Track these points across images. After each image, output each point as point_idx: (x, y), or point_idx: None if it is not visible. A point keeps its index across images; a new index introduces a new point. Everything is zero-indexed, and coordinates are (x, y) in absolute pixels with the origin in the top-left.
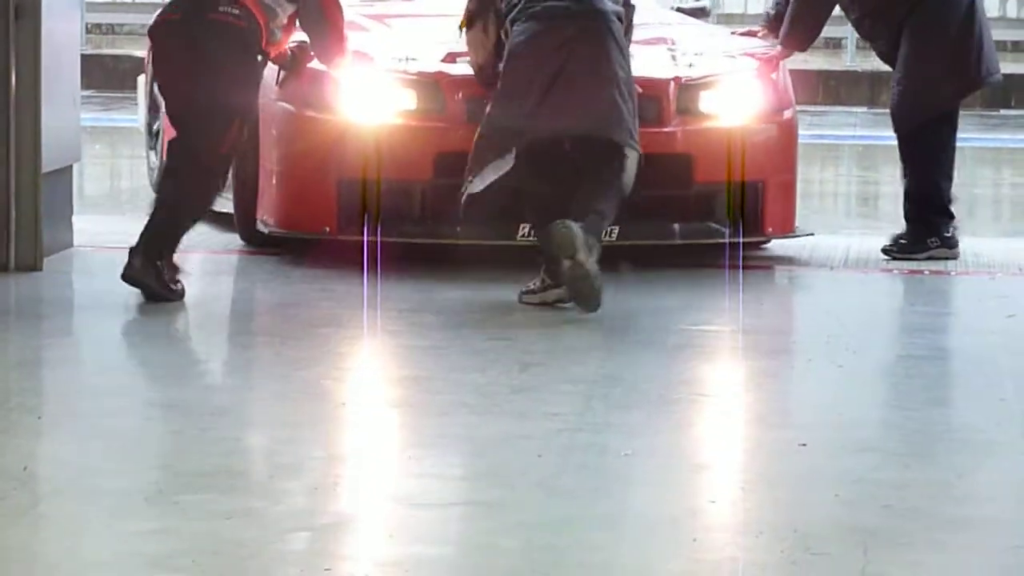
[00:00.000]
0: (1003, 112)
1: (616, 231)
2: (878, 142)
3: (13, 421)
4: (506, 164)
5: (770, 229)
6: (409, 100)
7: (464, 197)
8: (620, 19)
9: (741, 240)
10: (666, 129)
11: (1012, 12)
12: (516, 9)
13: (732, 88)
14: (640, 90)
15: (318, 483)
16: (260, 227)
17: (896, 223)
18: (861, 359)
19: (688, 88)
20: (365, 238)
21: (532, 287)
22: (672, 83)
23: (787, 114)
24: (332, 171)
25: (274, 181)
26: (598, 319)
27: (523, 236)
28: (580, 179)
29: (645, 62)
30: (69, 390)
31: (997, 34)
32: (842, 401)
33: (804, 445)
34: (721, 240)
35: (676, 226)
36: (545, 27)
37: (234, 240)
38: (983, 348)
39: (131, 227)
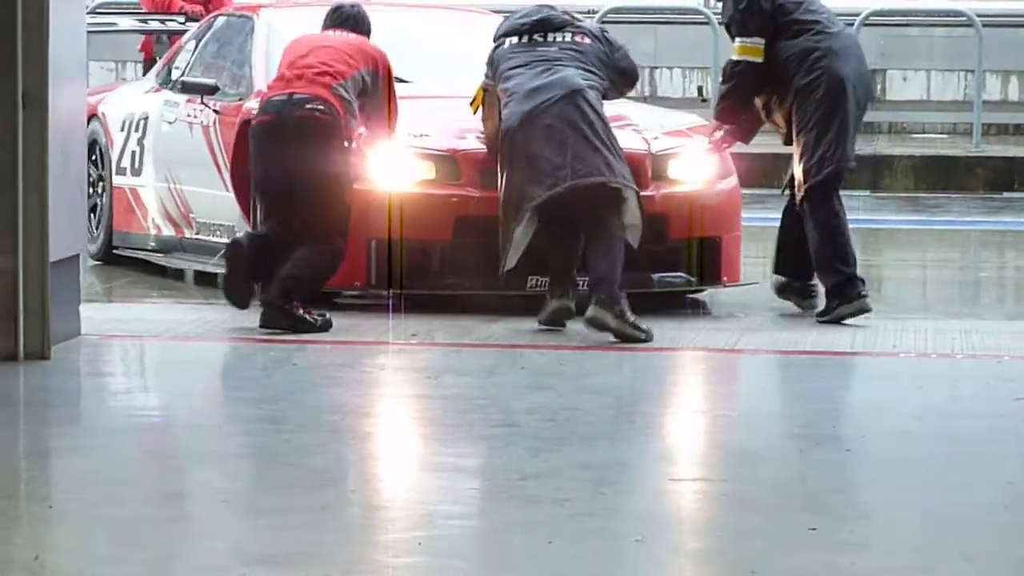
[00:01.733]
0: (1006, 195)
1: None
2: (881, 226)
3: (24, 510)
4: (531, 228)
5: (725, 278)
6: (428, 171)
7: (504, 271)
8: (597, 89)
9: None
10: (645, 193)
11: (1013, 95)
12: (505, 94)
13: (692, 158)
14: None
15: (328, 572)
16: None
17: (901, 308)
18: (868, 443)
19: (659, 158)
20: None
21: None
22: (647, 155)
23: (733, 180)
24: (362, 233)
25: None
26: (602, 405)
27: (532, 287)
28: (587, 234)
29: (619, 137)
30: (78, 480)
31: (999, 117)
32: (851, 486)
33: (814, 530)
34: (690, 288)
35: (654, 276)
36: (532, 108)
37: (239, 329)
38: (991, 431)
39: (136, 315)
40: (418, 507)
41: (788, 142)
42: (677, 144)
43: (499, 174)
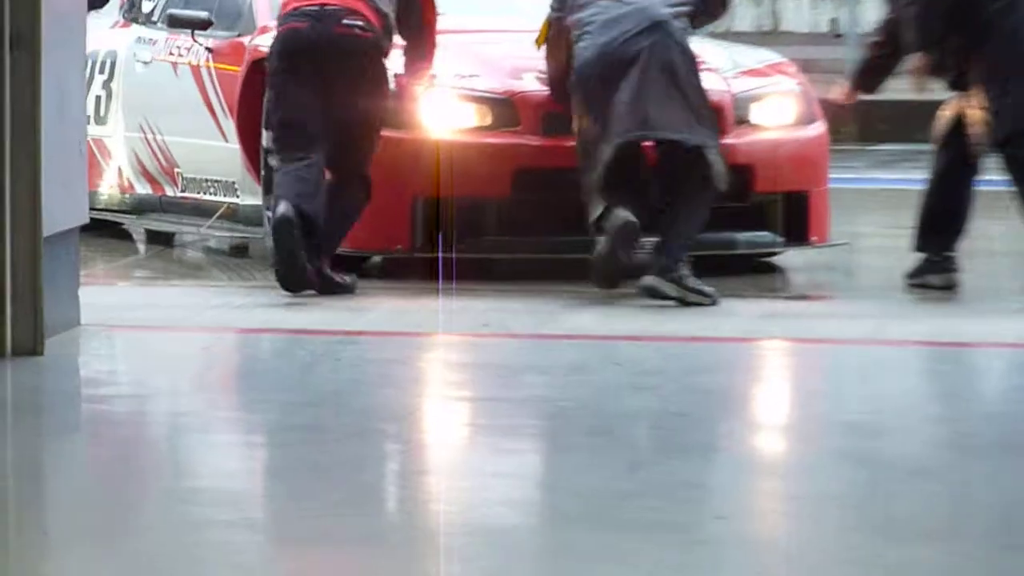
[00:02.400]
0: None
1: None
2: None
3: (16, 540)
4: (606, 163)
5: (814, 238)
6: (481, 117)
7: (592, 223)
8: (682, 18)
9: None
10: (727, 141)
11: None
12: (578, 26)
13: (777, 101)
14: None
15: None
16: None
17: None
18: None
19: (741, 101)
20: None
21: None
22: (729, 97)
23: (821, 126)
24: (406, 189)
25: None
26: (714, 409)
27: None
28: (663, 193)
29: None
30: (78, 501)
31: None
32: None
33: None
34: (778, 250)
35: (739, 236)
36: (609, 41)
37: (271, 318)
38: None
39: (147, 299)
40: (489, 534)
41: (958, 86)
42: (759, 85)
43: (575, 118)
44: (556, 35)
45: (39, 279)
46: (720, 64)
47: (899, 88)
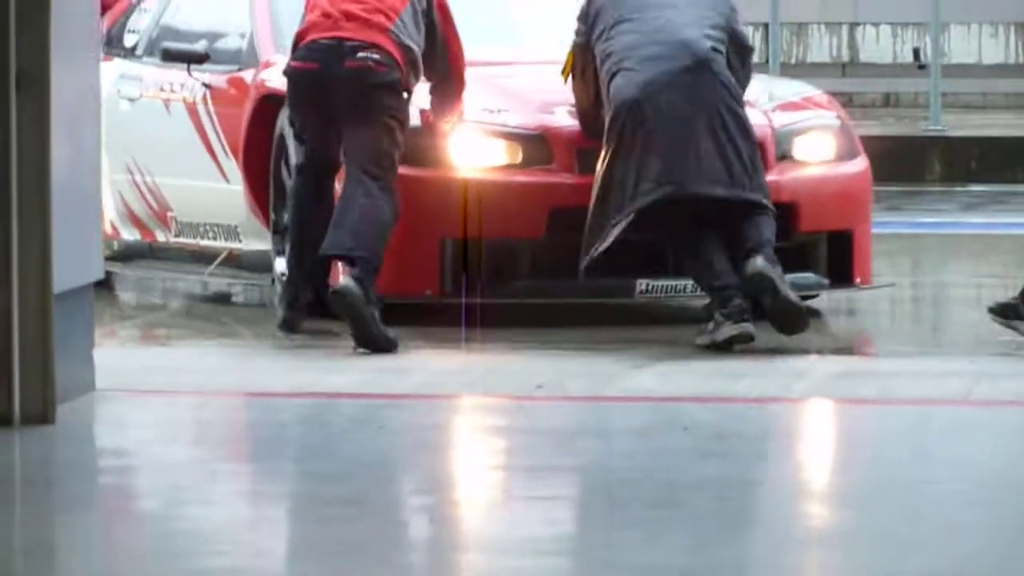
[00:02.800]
0: None
1: None
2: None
3: None
4: (626, 220)
5: (858, 279)
6: (512, 154)
7: (586, 262)
8: (722, 50)
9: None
10: (769, 178)
11: None
12: (611, 58)
13: (819, 135)
14: None
15: None
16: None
17: None
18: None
19: (783, 136)
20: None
21: (705, 328)
22: (770, 132)
23: (863, 162)
24: (434, 230)
25: None
26: (793, 478)
27: (641, 292)
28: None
29: None
30: None
31: None
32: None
33: None
34: (821, 291)
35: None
36: (650, 78)
37: (303, 380)
38: None
39: (167, 361)
40: None
41: None
42: (799, 119)
43: (604, 150)
44: (583, 66)
45: (50, 340)
46: (756, 97)
47: (989, 124)
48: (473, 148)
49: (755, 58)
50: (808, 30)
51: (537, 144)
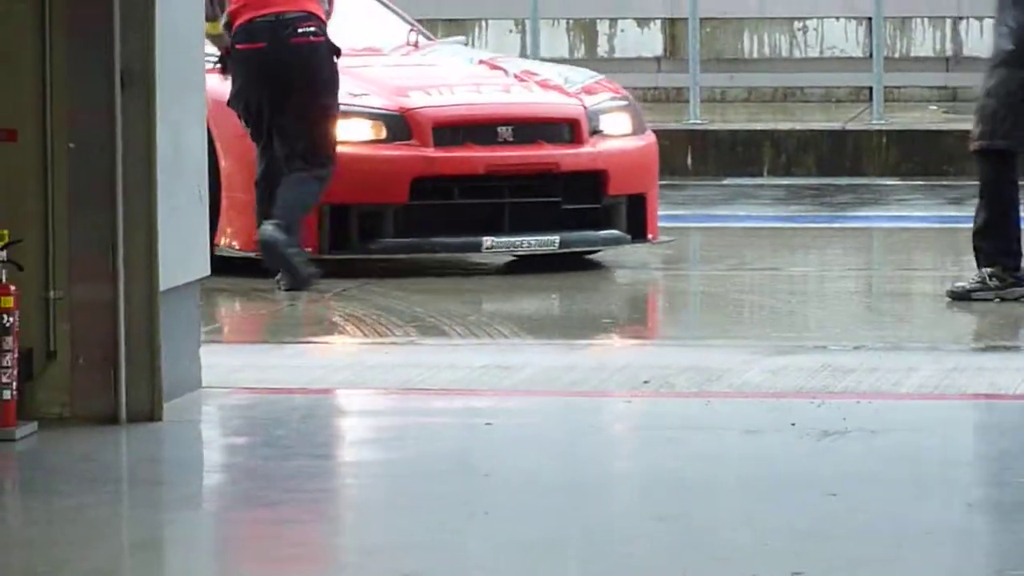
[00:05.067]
0: None
1: (558, 241)
2: None
3: None
4: None
5: (651, 235)
6: (379, 132)
7: None
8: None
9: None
10: (586, 149)
11: None
12: None
13: (620, 114)
14: (557, 115)
15: None
16: (225, 251)
17: None
18: None
19: (593, 114)
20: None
21: (981, 283)
22: (584, 112)
23: (652, 136)
24: None
25: (241, 206)
26: (910, 477)
27: (488, 248)
28: None
29: (548, 97)
30: None
31: None
32: None
33: None
34: (625, 244)
35: (599, 234)
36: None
37: (410, 377)
38: None
39: (275, 359)
40: None
41: None
42: (602, 100)
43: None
44: None
45: (157, 337)
46: (560, 81)
47: None
48: (345, 127)
49: (859, 52)
50: (912, 24)
51: (398, 123)
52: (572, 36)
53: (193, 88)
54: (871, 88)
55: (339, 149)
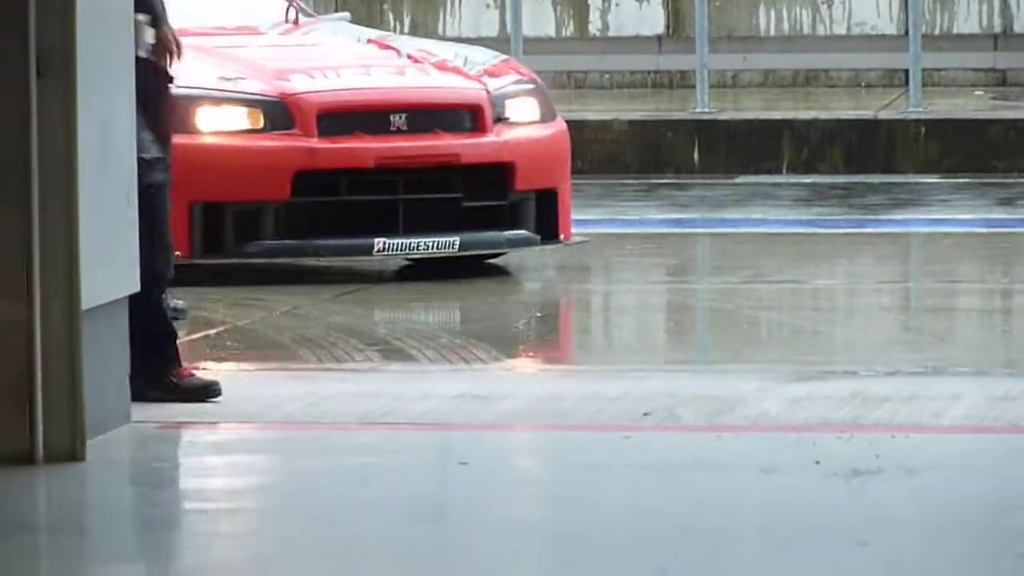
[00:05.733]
0: None
1: (458, 242)
2: None
3: None
4: None
5: (563, 236)
6: (256, 120)
7: None
8: None
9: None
10: (489, 139)
11: None
12: None
13: (527, 99)
14: (457, 101)
15: None
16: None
17: None
18: None
19: (497, 99)
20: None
21: None
22: (487, 96)
23: (561, 123)
24: (183, 195)
25: None
26: (951, 517)
27: (379, 251)
28: None
29: (446, 80)
30: None
31: None
32: None
33: None
34: (534, 246)
35: (504, 234)
36: None
37: (372, 409)
38: None
39: (223, 387)
40: None
41: None
42: (506, 83)
43: None
44: None
45: (78, 365)
46: (459, 62)
47: None
48: (216, 115)
49: (893, 29)
50: None
51: (277, 110)
52: (559, 11)
53: (121, 75)
54: (907, 71)
55: (210, 140)
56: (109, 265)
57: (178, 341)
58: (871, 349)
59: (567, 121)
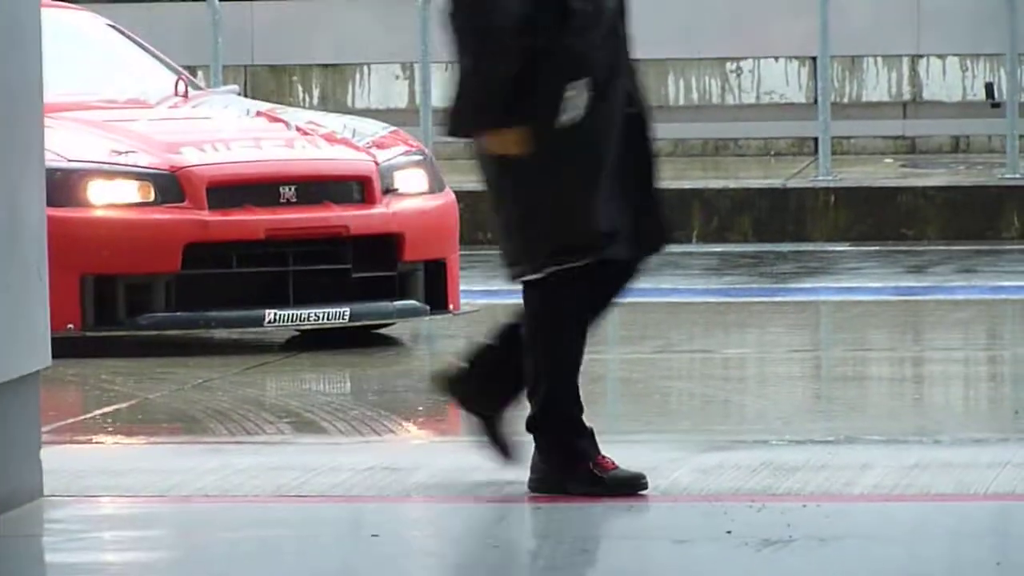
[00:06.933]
0: None
1: (348, 313)
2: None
3: None
4: None
5: (452, 306)
6: (147, 193)
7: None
8: None
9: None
10: (379, 210)
11: None
12: None
13: (415, 170)
14: (347, 172)
15: None
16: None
17: None
18: None
19: (386, 171)
20: None
21: None
22: (376, 168)
23: (451, 194)
24: (74, 267)
25: None
26: None
27: (270, 322)
28: None
29: (334, 152)
30: None
31: None
32: None
33: None
34: (423, 316)
35: (394, 304)
36: None
37: (287, 483)
38: None
39: (128, 462)
40: None
41: None
42: (395, 154)
43: None
44: None
45: None
46: (348, 134)
47: None
48: (108, 188)
49: (803, 97)
50: (863, 64)
51: (168, 183)
52: None
53: (30, 151)
54: (816, 139)
55: (102, 213)
56: (18, 339)
57: (94, 415)
58: (782, 418)
59: (476, 191)
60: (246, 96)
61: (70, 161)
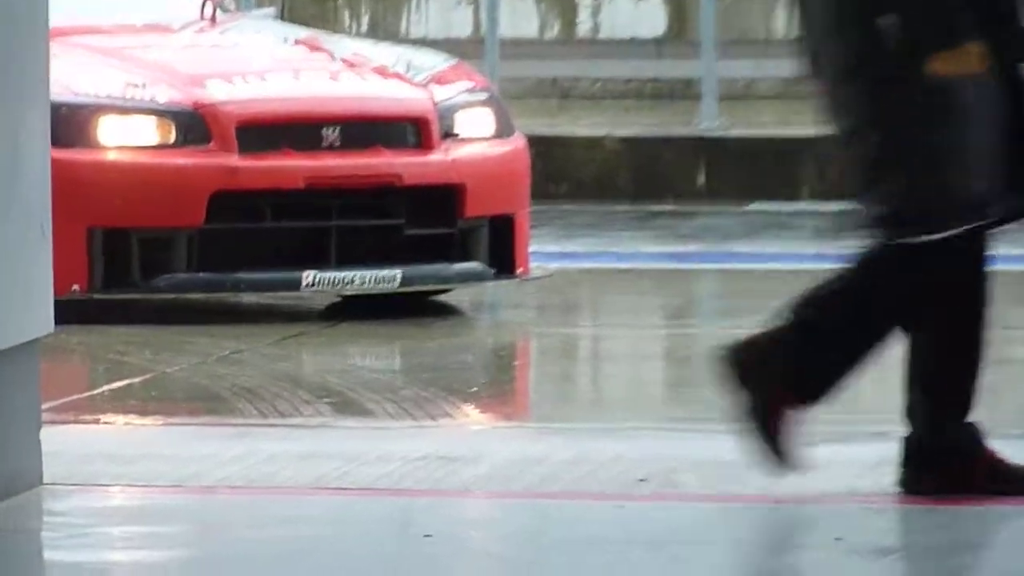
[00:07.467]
0: None
1: (399, 276)
2: None
3: None
4: None
5: (520, 270)
6: (167, 134)
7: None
8: None
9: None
10: (436, 157)
11: None
12: None
13: (480, 110)
14: (400, 112)
15: None
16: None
17: None
18: None
19: (445, 111)
20: None
21: None
22: (433, 107)
23: (521, 139)
24: (81, 219)
25: None
26: None
27: (308, 285)
28: None
29: (385, 86)
30: None
31: None
32: None
33: None
34: (487, 281)
35: (454, 267)
36: None
37: (324, 472)
38: None
39: (142, 447)
40: None
41: None
42: (456, 92)
43: None
44: None
45: None
46: (402, 67)
47: None
48: (121, 127)
49: None
50: None
51: (192, 121)
52: (543, 10)
53: (34, 83)
54: None
55: (114, 156)
56: (18, 304)
57: (102, 391)
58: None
59: (549, 137)
60: (283, 21)
61: (78, 95)
